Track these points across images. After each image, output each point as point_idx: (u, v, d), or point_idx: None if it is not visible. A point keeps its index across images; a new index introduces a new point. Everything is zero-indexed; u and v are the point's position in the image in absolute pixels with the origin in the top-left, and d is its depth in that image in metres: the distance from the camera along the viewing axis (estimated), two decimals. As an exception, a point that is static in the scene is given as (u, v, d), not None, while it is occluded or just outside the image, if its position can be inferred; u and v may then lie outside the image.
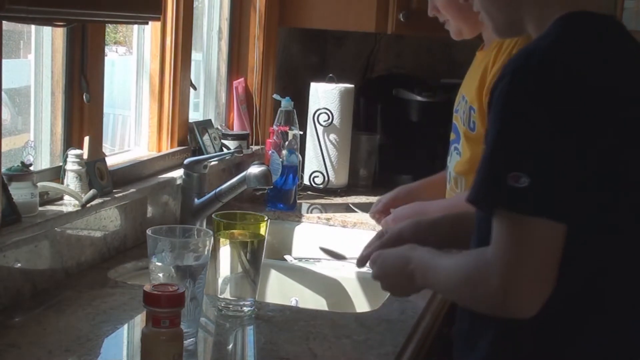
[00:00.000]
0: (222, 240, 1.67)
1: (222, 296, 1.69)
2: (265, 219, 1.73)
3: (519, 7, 1.34)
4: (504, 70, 1.24)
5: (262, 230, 1.71)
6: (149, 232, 1.52)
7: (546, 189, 1.17)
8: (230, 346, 1.60)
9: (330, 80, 2.89)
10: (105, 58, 2.00)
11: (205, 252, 1.52)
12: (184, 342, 1.43)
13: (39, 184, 1.74)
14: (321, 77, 2.94)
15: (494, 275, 1.20)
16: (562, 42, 1.24)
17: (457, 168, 2.12)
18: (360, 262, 1.61)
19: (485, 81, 2.02)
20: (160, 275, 1.49)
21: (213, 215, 1.72)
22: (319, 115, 2.84)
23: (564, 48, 1.23)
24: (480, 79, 2.03)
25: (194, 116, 2.62)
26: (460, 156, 2.11)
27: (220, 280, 1.69)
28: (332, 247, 2.27)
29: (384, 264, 1.50)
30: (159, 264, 1.50)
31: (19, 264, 1.66)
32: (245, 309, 1.68)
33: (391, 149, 3.12)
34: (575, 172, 1.18)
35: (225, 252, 1.67)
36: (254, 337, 1.62)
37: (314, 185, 2.86)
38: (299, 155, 2.66)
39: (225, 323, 1.65)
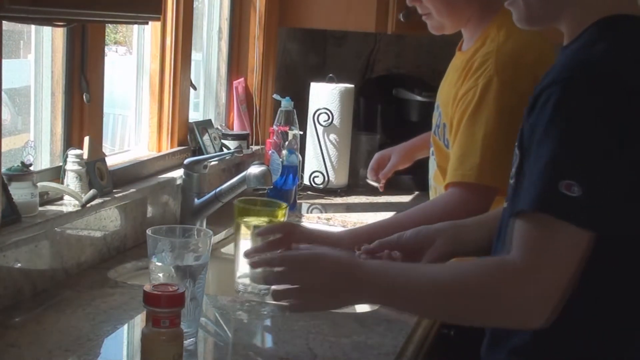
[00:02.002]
0: (242, 224, 1.75)
1: (239, 280, 1.77)
2: (285, 206, 1.78)
3: (562, 3, 1.32)
4: (553, 77, 1.22)
5: (280, 217, 1.76)
6: (149, 232, 1.52)
7: (597, 201, 1.16)
8: (230, 346, 1.60)
9: (330, 80, 2.89)
10: (105, 58, 2.00)
11: (205, 252, 1.52)
12: (184, 342, 1.43)
13: (39, 184, 1.74)
14: (321, 77, 2.94)
15: (526, 282, 1.19)
16: (616, 51, 1.23)
17: (437, 179, 2.06)
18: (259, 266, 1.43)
19: (455, 99, 1.95)
20: (160, 275, 1.49)
21: (235, 201, 1.80)
22: (319, 115, 2.84)
23: (619, 57, 1.22)
24: (454, 96, 1.97)
25: (194, 116, 2.62)
26: (437, 166, 2.07)
27: (239, 263, 1.74)
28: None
29: (314, 273, 1.35)
30: (159, 264, 1.50)
31: (19, 264, 1.66)
32: (262, 291, 1.77)
33: (391, 149, 3.12)
34: (627, 186, 1.18)
35: (245, 236, 1.76)
36: (254, 337, 1.62)
37: (314, 185, 2.86)
38: (299, 155, 2.66)
39: (226, 323, 1.65)
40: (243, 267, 1.71)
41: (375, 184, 2.42)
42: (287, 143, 2.61)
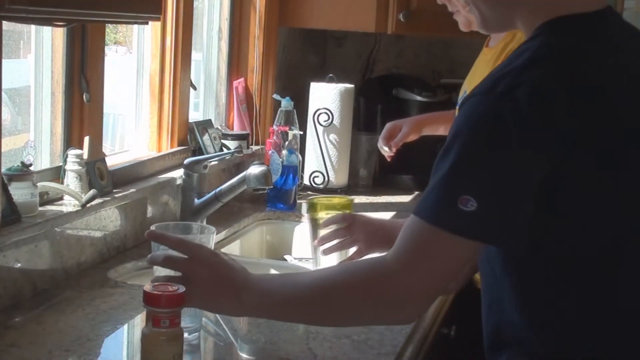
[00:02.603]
0: (313, 219, 1.94)
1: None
2: (350, 200, 2.01)
3: (512, 7, 1.33)
4: (478, 85, 1.24)
5: (347, 209, 1.94)
6: (153, 228, 1.52)
7: (489, 217, 1.19)
8: (230, 346, 1.60)
9: (330, 80, 2.89)
10: (105, 58, 2.00)
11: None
12: (188, 337, 1.47)
13: (39, 184, 1.74)
14: (321, 77, 2.94)
15: (397, 281, 1.24)
16: (531, 67, 1.23)
17: None
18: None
19: None
20: (165, 272, 1.50)
21: (308, 199, 2.05)
22: (319, 115, 2.84)
23: (531, 75, 1.21)
24: None
25: (194, 116, 2.62)
26: None
27: (317, 254, 1.91)
28: None
29: (204, 267, 1.35)
30: None
31: (19, 264, 1.66)
32: None
33: (391, 149, 3.12)
34: (522, 204, 1.20)
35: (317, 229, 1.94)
36: (254, 337, 1.62)
37: (314, 185, 2.86)
38: (299, 155, 2.66)
39: (226, 323, 1.65)
40: (320, 258, 1.91)
41: (385, 152, 2.48)
42: (287, 143, 2.61)
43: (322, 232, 1.89)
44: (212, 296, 1.34)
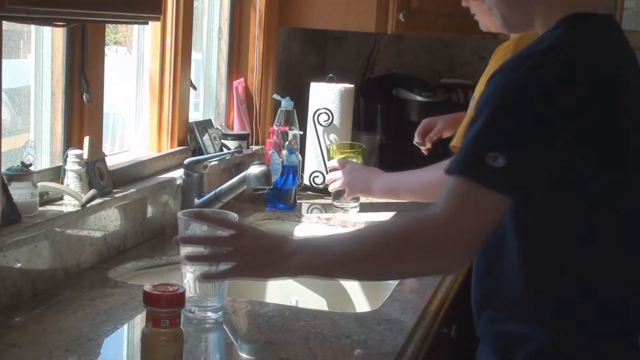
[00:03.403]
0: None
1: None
2: (360, 147, 2.55)
3: (530, 7, 1.42)
4: (504, 64, 1.34)
5: (354, 154, 2.45)
6: (179, 214, 1.64)
7: (517, 172, 1.28)
8: (231, 346, 1.60)
9: (330, 80, 2.89)
10: (105, 58, 2.00)
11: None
12: (214, 315, 1.62)
13: (39, 184, 1.74)
14: (321, 77, 2.94)
15: (441, 229, 1.32)
16: (554, 48, 1.33)
17: None
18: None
19: None
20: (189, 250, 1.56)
21: (328, 145, 2.65)
22: (319, 115, 2.84)
23: (555, 60, 1.31)
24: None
25: (194, 116, 2.62)
26: None
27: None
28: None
29: (252, 238, 1.48)
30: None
31: (19, 264, 1.66)
32: (352, 207, 2.56)
33: (391, 149, 3.12)
34: (545, 165, 1.29)
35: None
36: (254, 337, 1.62)
37: (314, 185, 2.86)
38: (299, 155, 2.66)
39: (226, 323, 1.66)
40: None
41: (421, 147, 2.59)
42: (287, 143, 2.61)
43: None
44: (263, 263, 1.47)
